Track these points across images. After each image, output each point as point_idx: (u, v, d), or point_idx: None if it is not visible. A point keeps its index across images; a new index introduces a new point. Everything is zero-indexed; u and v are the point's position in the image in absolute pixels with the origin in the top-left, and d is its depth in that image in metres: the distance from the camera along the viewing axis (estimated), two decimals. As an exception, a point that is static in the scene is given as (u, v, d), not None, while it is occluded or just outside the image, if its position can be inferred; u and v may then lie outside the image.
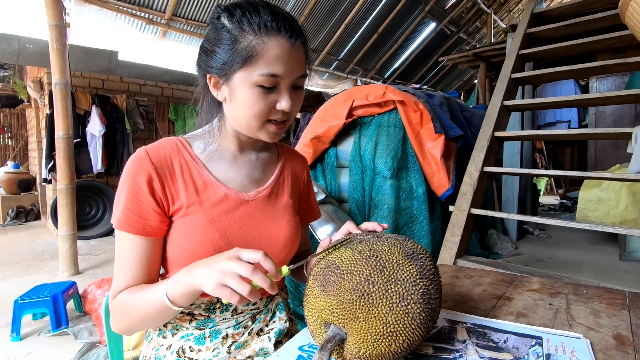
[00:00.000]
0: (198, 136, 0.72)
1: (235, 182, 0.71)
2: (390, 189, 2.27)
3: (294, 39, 0.61)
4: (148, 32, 3.97)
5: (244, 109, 0.63)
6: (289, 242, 0.74)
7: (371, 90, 2.45)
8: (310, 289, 0.55)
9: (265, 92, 0.61)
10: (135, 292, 0.62)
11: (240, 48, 0.60)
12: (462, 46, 7.90)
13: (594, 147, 4.43)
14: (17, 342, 1.98)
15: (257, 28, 0.59)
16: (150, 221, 0.64)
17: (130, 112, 4.78)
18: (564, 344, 0.60)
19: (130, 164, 0.64)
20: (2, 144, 7.29)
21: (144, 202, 0.63)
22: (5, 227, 5.21)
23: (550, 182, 8.38)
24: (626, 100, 2.15)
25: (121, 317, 0.64)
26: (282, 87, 0.62)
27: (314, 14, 5.15)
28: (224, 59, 0.61)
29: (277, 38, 0.59)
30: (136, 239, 0.63)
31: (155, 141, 0.68)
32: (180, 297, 0.58)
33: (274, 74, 0.60)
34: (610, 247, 3.43)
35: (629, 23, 1.74)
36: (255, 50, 0.59)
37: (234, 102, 0.64)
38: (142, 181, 0.63)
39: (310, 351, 0.57)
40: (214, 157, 0.71)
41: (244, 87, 0.61)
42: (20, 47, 3.63)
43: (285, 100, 0.62)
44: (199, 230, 0.65)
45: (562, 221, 1.82)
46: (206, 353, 0.69)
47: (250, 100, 0.61)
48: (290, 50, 0.61)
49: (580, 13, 2.79)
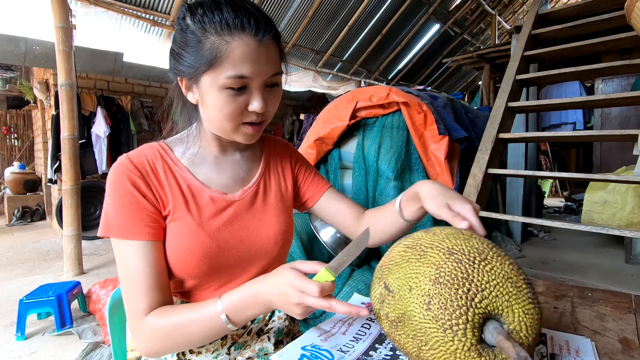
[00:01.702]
0: (178, 140, 0.71)
1: (219, 184, 0.70)
2: (394, 190, 2.26)
3: (261, 35, 0.57)
4: (153, 34, 3.99)
5: (215, 112, 0.60)
6: (280, 238, 0.73)
7: (375, 92, 2.45)
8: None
9: (235, 93, 0.58)
10: (177, 314, 0.59)
11: (204, 50, 0.56)
12: (466, 47, 7.88)
13: (599, 149, 4.39)
14: (22, 342, 1.99)
15: (219, 27, 0.56)
16: (152, 223, 0.62)
17: (135, 113, 4.82)
18: (569, 343, 0.60)
19: (114, 173, 0.62)
20: (9, 144, 7.36)
21: (140, 206, 0.62)
22: (11, 227, 5.25)
23: (555, 184, 8.32)
24: (632, 102, 2.14)
25: (160, 342, 0.60)
26: (252, 87, 0.59)
27: (318, 15, 5.15)
28: (189, 62, 0.58)
29: (240, 37, 0.56)
30: (143, 246, 0.61)
31: (135, 149, 0.67)
32: (242, 319, 0.59)
33: (241, 75, 0.56)
34: (616, 250, 3.40)
35: (635, 24, 1.73)
36: (219, 52, 0.56)
37: (205, 106, 0.61)
38: (131, 187, 0.61)
39: (313, 351, 0.56)
40: (197, 160, 0.69)
41: (212, 90, 0.58)
42: (27, 49, 3.67)
43: (257, 101, 0.59)
44: (187, 235, 0.64)
45: (567, 223, 1.81)
46: (206, 355, 0.69)
47: (220, 104, 0.59)
48: (257, 49, 0.57)
49: (586, 14, 2.77)
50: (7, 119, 7.27)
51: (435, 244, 0.48)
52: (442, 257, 0.46)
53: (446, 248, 0.47)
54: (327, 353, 0.55)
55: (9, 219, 5.48)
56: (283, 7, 4.71)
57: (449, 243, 0.48)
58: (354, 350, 0.56)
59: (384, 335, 0.60)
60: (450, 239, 0.48)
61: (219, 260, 0.66)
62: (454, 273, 0.44)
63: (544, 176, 2.41)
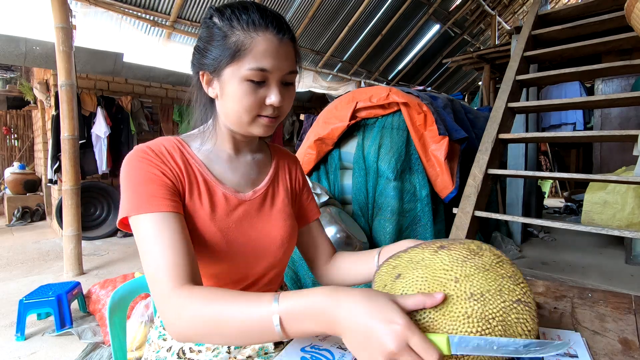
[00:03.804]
0: (194, 136, 0.72)
1: (232, 182, 0.71)
2: (394, 191, 2.26)
3: (282, 34, 0.62)
4: (153, 34, 3.99)
5: (234, 104, 0.63)
6: (286, 242, 0.74)
7: (375, 92, 2.45)
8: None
9: (255, 86, 0.62)
10: (221, 300, 0.51)
11: (229, 43, 0.61)
12: (466, 48, 7.88)
13: (599, 150, 4.39)
14: (22, 342, 1.99)
15: (245, 25, 0.61)
16: (172, 197, 0.61)
17: (135, 114, 4.82)
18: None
19: (131, 159, 0.62)
20: (9, 144, 7.36)
21: (160, 182, 0.61)
22: (11, 227, 5.25)
23: (555, 184, 8.32)
24: (632, 103, 2.14)
25: (191, 325, 0.52)
26: (271, 82, 0.63)
27: (318, 15, 5.16)
28: (215, 55, 0.63)
29: (264, 33, 0.61)
30: (166, 217, 0.58)
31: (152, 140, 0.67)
32: (296, 331, 0.48)
33: (262, 68, 0.61)
34: (616, 251, 3.40)
35: (635, 25, 1.73)
36: (243, 45, 0.60)
37: (224, 98, 0.64)
38: (150, 167, 0.62)
39: (313, 352, 0.56)
40: (211, 157, 0.71)
41: (233, 81, 0.62)
42: (27, 49, 3.67)
43: (275, 94, 0.63)
44: (200, 226, 0.65)
45: (567, 224, 1.81)
46: (206, 354, 0.69)
47: (240, 95, 0.62)
48: (278, 45, 0.62)
49: (586, 15, 2.78)
50: (7, 119, 7.28)
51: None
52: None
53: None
54: (327, 353, 0.55)
55: (9, 219, 5.49)
56: (283, 7, 4.71)
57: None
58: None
59: None
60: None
61: (227, 256, 0.67)
62: None
63: (544, 177, 2.42)
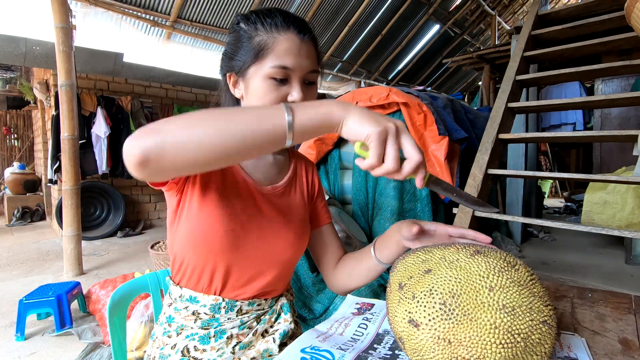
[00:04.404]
0: None
1: (253, 175, 0.74)
2: (394, 190, 2.26)
3: (303, 34, 0.65)
4: (153, 34, 3.99)
5: (258, 100, 0.65)
6: (297, 241, 0.75)
7: (375, 92, 2.45)
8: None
9: (277, 84, 0.64)
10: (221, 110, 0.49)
11: (253, 44, 0.65)
12: (466, 48, 7.88)
13: (599, 150, 4.39)
14: (22, 342, 1.99)
15: (269, 27, 0.64)
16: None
17: (135, 114, 4.81)
18: (561, 342, 0.61)
19: None
20: (9, 144, 7.36)
21: None
22: (11, 227, 5.25)
23: (555, 184, 8.33)
24: (632, 103, 2.14)
25: (158, 126, 0.48)
26: (293, 80, 0.65)
27: (318, 15, 5.16)
28: (240, 57, 0.67)
29: (286, 33, 0.64)
30: None
31: None
32: (306, 128, 0.48)
33: (284, 65, 0.63)
34: (616, 251, 3.40)
35: (635, 25, 1.73)
36: (266, 45, 0.64)
37: (248, 96, 0.67)
38: None
39: (313, 352, 0.56)
40: None
41: (256, 79, 0.65)
42: (27, 49, 3.66)
43: (297, 91, 0.65)
44: (217, 207, 0.66)
45: (567, 224, 1.81)
46: (210, 353, 0.69)
47: (263, 92, 0.64)
48: (299, 44, 0.64)
49: (586, 15, 2.77)
50: (7, 119, 7.28)
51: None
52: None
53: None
54: (327, 353, 0.55)
55: (9, 219, 5.49)
56: (283, 7, 4.72)
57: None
58: (354, 349, 0.56)
59: (382, 335, 0.60)
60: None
61: (240, 242, 0.68)
62: None
63: (544, 177, 2.41)
